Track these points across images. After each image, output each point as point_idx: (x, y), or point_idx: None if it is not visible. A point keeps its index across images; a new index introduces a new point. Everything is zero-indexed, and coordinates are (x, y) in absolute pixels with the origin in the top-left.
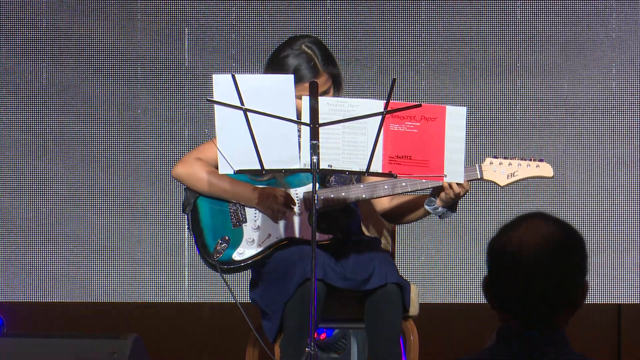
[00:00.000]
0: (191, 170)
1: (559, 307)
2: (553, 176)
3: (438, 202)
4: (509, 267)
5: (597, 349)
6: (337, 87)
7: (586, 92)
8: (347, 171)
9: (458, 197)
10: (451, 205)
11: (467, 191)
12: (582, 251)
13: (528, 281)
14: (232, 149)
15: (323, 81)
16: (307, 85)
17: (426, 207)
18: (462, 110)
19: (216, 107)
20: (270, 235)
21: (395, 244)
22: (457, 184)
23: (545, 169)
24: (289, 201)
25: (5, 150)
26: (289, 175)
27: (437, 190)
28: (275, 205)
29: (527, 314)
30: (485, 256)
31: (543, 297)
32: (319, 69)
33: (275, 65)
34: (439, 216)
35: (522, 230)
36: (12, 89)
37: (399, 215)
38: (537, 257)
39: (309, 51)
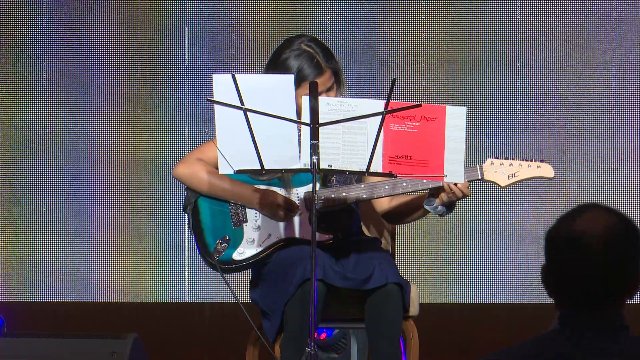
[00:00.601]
0: (192, 170)
1: (620, 293)
2: (554, 177)
3: (437, 202)
4: (577, 253)
5: None
6: (339, 83)
7: (586, 91)
8: (347, 171)
9: (458, 199)
10: (450, 205)
11: (467, 195)
12: (638, 241)
13: (596, 267)
14: (232, 149)
15: (327, 78)
16: None
17: (425, 206)
18: (462, 110)
19: (216, 107)
20: (270, 235)
21: (395, 244)
22: (461, 189)
23: (546, 170)
24: (291, 207)
25: (5, 149)
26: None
27: (435, 190)
28: (280, 212)
29: (591, 299)
30: (545, 244)
31: (607, 283)
32: (322, 66)
33: (277, 67)
34: (439, 215)
35: (585, 220)
36: (12, 88)
37: (398, 215)
38: (604, 244)
39: (309, 49)
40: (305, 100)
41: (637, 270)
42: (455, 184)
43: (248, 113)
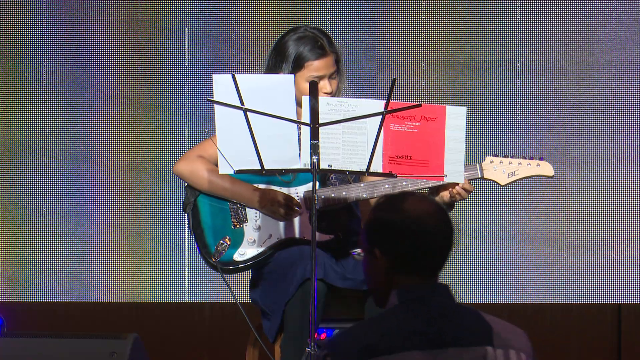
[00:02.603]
0: (192, 167)
1: (443, 264)
2: (554, 175)
3: (437, 200)
4: (412, 231)
5: (597, 349)
6: (340, 73)
7: (586, 91)
8: (347, 171)
9: (462, 198)
10: (449, 204)
11: (470, 192)
12: (449, 219)
13: (432, 241)
14: (232, 148)
15: (330, 62)
16: (316, 64)
17: None
18: (462, 110)
19: (216, 107)
20: (271, 235)
21: None
22: (465, 189)
23: (546, 168)
24: (291, 204)
25: (5, 150)
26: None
27: (434, 189)
28: (280, 210)
29: (428, 269)
30: (379, 230)
31: (441, 253)
32: (326, 49)
33: (281, 50)
34: None
35: (412, 204)
36: (13, 88)
37: None
38: (439, 223)
39: (312, 34)
40: (305, 100)
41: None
42: (456, 185)
43: (248, 113)
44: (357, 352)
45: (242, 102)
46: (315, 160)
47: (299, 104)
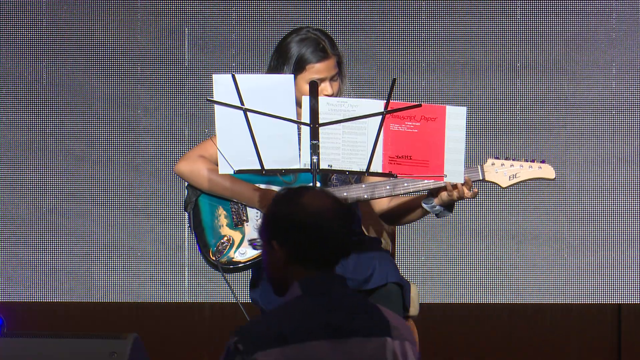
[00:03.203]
0: (193, 167)
1: (342, 255)
2: (555, 178)
3: (436, 201)
4: (309, 224)
5: (597, 349)
6: (341, 75)
7: (586, 92)
8: (347, 171)
9: (462, 198)
10: (449, 205)
11: (476, 194)
12: (350, 212)
13: (329, 235)
14: (232, 149)
15: (332, 64)
16: (317, 67)
17: (424, 205)
18: (462, 111)
19: (216, 107)
20: None
21: (395, 244)
22: (466, 186)
23: (547, 171)
24: None
25: (5, 150)
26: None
27: (434, 190)
28: None
29: (329, 261)
30: (277, 222)
31: (338, 246)
32: (328, 51)
33: (282, 51)
34: (436, 215)
35: (311, 199)
36: (13, 88)
37: (397, 215)
38: (336, 217)
39: (315, 36)
40: (305, 100)
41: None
42: (456, 185)
43: (248, 113)
44: (268, 340)
45: (242, 102)
46: (315, 160)
47: (299, 105)
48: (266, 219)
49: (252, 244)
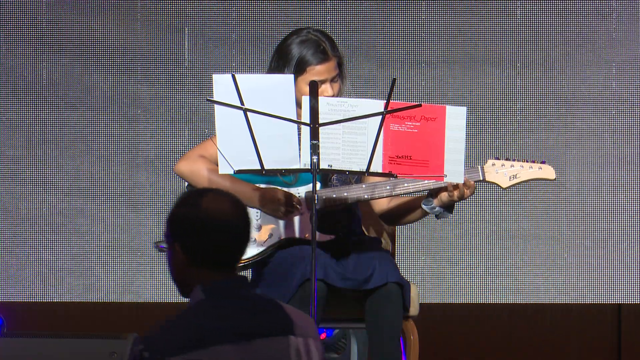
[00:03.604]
0: (193, 167)
1: (241, 256)
2: (555, 178)
3: (435, 202)
4: (207, 227)
5: (597, 349)
6: (342, 76)
7: (586, 91)
8: (347, 171)
9: (462, 199)
10: (448, 206)
11: (473, 192)
12: (249, 215)
13: (228, 237)
14: (232, 149)
15: (332, 66)
16: (318, 69)
17: (423, 206)
18: (462, 111)
19: (216, 107)
20: (271, 234)
21: (395, 244)
22: (466, 187)
23: (548, 171)
24: (292, 201)
25: (5, 149)
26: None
27: (434, 191)
28: (281, 208)
29: (228, 263)
30: (177, 224)
31: (237, 249)
32: (329, 53)
33: (283, 53)
34: (435, 216)
35: (209, 201)
36: (13, 88)
37: (397, 216)
38: (234, 220)
39: (315, 37)
40: (305, 100)
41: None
42: (457, 185)
43: (248, 113)
44: (173, 348)
45: (242, 102)
46: (315, 160)
47: (299, 106)
48: (167, 220)
49: (159, 245)
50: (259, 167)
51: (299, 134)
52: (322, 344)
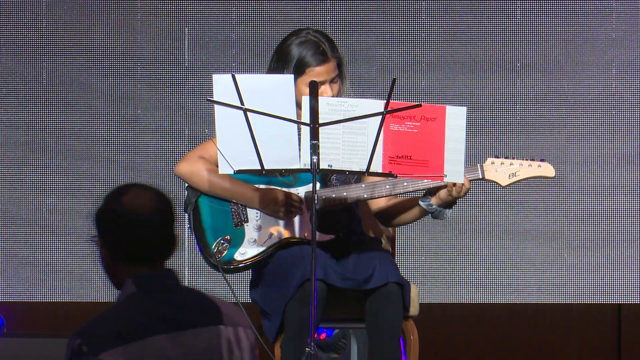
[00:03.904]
0: (193, 168)
1: (168, 251)
2: (555, 176)
3: (433, 200)
4: (125, 222)
5: (597, 349)
6: (342, 76)
7: (586, 92)
8: (347, 171)
9: (460, 196)
10: (447, 204)
11: (468, 190)
12: (174, 210)
13: (148, 232)
14: (232, 149)
15: (332, 67)
16: (317, 70)
17: (420, 203)
18: (462, 111)
19: (216, 107)
20: (272, 235)
21: (395, 244)
22: (461, 183)
23: (547, 169)
24: (292, 201)
25: (5, 149)
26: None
27: (432, 190)
28: (281, 209)
29: (151, 258)
30: (100, 220)
31: (160, 244)
32: (328, 54)
33: (282, 54)
34: (431, 214)
35: (132, 196)
36: (13, 88)
37: (394, 214)
38: (155, 215)
39: (315, 38)
40: (305, 100)
41: (176, 234)
42: (456, 183)
43: (248, 113)
44: (110, 340)
45: (242, 102)
46: (315, 160)
47: (299, 107)
48: (94, 216)
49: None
50: (259, 167)
51: (299, 134)
52: (253, 331)
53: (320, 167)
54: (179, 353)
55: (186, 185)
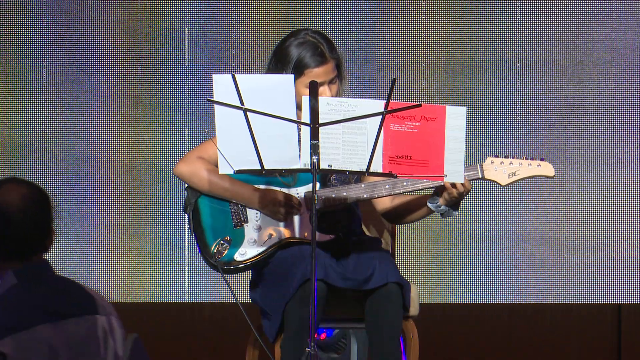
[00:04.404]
0: (192, 168)
1: (42, 245)
2: (554, 175)
3: (441, 201)
4: (4, 221)
5: (597, 349)
6: (341, 77)
7: (586, 91)
8: (347, 171)
9: (461, 196)
10: (454, 204)
11: (469, 190)
12: (49, 204)
13: (17, 228)
14: (232, 149)
15: (330, 68)
16: (316, 71)
17: (429, 204)
18: (462, 111)
19: (216, 107)
20: (271, 235)
21: (395, 244)
22: (460, 183)
23: (547, 169)
24: (292, 202)
25: (5, 149)
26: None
27: (440, 190)
28: (281, 209)
29: (23, 253)
30: None
31: (31, 239)
32: (326, 55)
33: (281, 55)
34: (441, 215)
35: (2, 192)
36: (13, 88)
37: (400, 214)
38: (24, 210)
39: (313, 40)
40: (305, 100)
41: (51, 227)
42: (454, 184)
43: (248, 113)
44: (1, 331)
45: (242, 102)
46: (315, 160)
47: (299, 108)
48: None
49: None
50: (259, 167)
51: (299, 134)
52: (120, 321)
53: (320, 167)
54: (62, 342)
55: (186, 185)
